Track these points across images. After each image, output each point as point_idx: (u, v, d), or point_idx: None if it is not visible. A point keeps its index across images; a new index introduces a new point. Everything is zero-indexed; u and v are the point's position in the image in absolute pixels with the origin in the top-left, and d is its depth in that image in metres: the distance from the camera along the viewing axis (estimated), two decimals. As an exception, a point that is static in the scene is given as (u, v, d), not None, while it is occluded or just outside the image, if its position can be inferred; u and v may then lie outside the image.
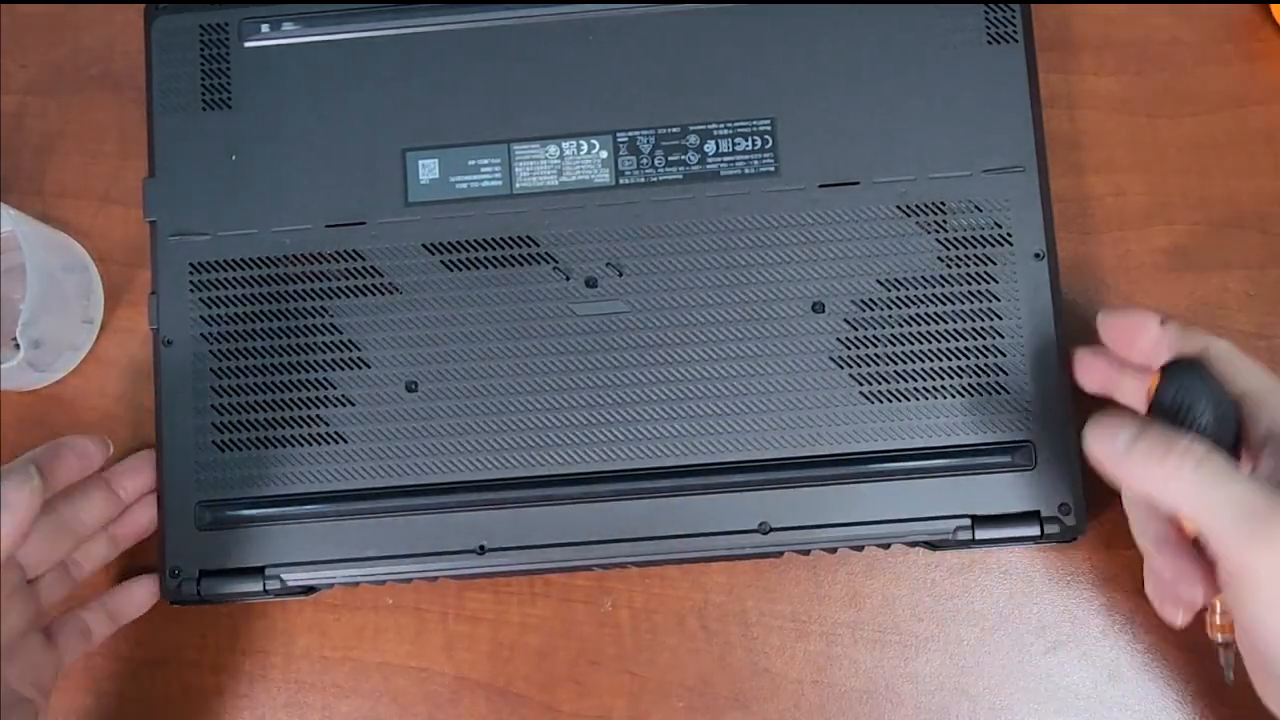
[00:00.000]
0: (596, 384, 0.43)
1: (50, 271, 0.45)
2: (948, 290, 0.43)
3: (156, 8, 0.46)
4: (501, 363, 0.44)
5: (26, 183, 0.49)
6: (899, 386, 0.43)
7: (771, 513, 0.42)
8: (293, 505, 0.43)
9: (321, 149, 0.45)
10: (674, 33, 0.45)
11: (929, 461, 0.42)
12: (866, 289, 0.43)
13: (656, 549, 0.43)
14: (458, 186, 0.45)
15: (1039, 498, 0.42)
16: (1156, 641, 0.44)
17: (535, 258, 0.44)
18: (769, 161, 0.44)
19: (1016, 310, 0.43)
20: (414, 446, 0.43)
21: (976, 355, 0.43)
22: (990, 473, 0.42)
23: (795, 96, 0.44)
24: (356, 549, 0.43)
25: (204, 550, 0.44)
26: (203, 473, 0.44)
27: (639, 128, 0.44)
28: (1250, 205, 0.46)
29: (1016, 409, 0.42)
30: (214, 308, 0.44)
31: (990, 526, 0.42)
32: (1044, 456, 0.42)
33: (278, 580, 0.43)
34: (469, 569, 0.43)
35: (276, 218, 0.45)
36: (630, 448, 0.43)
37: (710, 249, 0.44)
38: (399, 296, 0.44)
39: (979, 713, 0.44)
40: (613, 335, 0.43)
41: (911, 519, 0.42)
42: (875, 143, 0.44)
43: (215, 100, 0.46)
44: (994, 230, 0.43)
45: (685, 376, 0.43)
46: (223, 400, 0.44)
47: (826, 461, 0.43)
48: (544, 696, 0.45)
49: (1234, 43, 0.47)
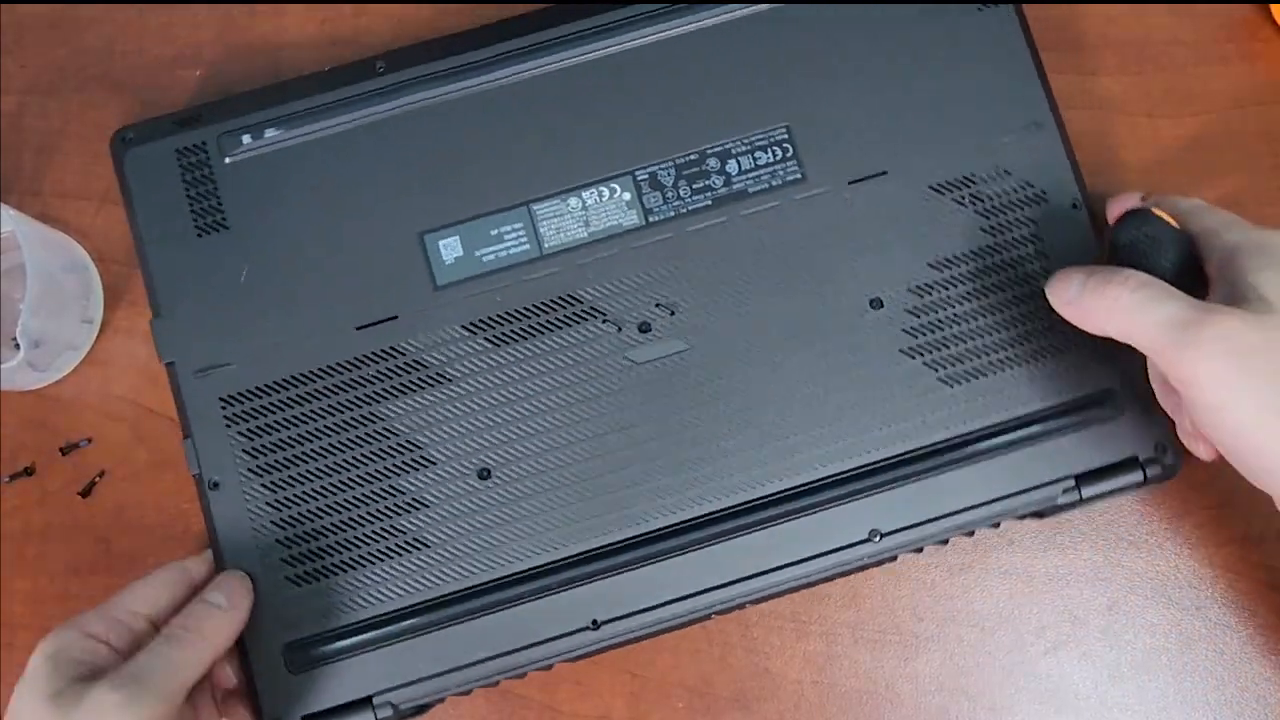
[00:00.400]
0: (673, 428, 0.42)
1: (50, 271, 0.45)
2: (997, 258, 0.43)
3: (124, 139, 0.44)
4: (571, 429, 0.42)
5: (26, 183, 0.49)
6: (973, 364, 0.42)
7: (880, 518, 0.41)
8: (387, 625, 0.41)
9: (333, 251, 0.43)
10: (668, 60, 0.44)
11: (1021, 432, 0.42)
12: (918, 274, 0.43)
13: (771, 582, 0.41)
14: (485, 260, 0.43)
15: (1134, 443, 0.42)
16: (1157, 640, 0.44)
17: (582, 315, 0.43)
18: (794, 169, 0.43)
19: (1066, 261, 0.42)
20: (500, 535, 0.41)
21: (1040, 316, 0.43)
22: (1081, 429, 0.42)
23: (805, 100, 0.44)
24: (464, 654, 0.41)
25: (302, 693, 0.41)
26: (282, 613, 0.41)
27: (656, 162, 0.43)
28: (1250, 205, 0.47)
29: (1092, 360, 0.42)
30: (255, 438, 0.42)
31: (1094, 482, 0.42)
32: (1128, 401, 0.42)
33: (389, 707, 0.40)
34: (587, 647, 0.41)
35: (301, 332, 0.42)
36: (722, 483, 0.42)
37: (756, 268, 0.43)
38: (450, 385, 0.42)
39: (979, 713, 0.44)
40: (678, 376, 0.42)
41: (1016, 493, 0.42)
42: (893, 130, 0.43)
43: (209, 224, 0.43)
44: (1026, 190, 0.43)
45: (761, 400, 0.42)
46: (287, 533, 0.41)
47: (921, 455, 0.42)
48: (544, 696, 0.45)
49: (1234, 43, 0.48)
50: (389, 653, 0.41)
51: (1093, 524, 0.45)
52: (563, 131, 0.44)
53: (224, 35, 0.49)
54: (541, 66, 0.44)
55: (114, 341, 0.47)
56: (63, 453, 0.47)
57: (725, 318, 0.42)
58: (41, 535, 0.46)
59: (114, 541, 0.46)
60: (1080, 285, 0.37)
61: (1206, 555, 0.44)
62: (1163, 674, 0.44)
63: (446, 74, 0.44)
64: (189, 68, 0.49)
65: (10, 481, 0.47)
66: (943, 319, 0.43)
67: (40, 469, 0.47)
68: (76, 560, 0.46)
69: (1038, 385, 0.42)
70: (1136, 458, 0.42)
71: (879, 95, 0.44)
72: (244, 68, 0.48)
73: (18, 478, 0.47)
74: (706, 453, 0.42)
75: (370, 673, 0.41)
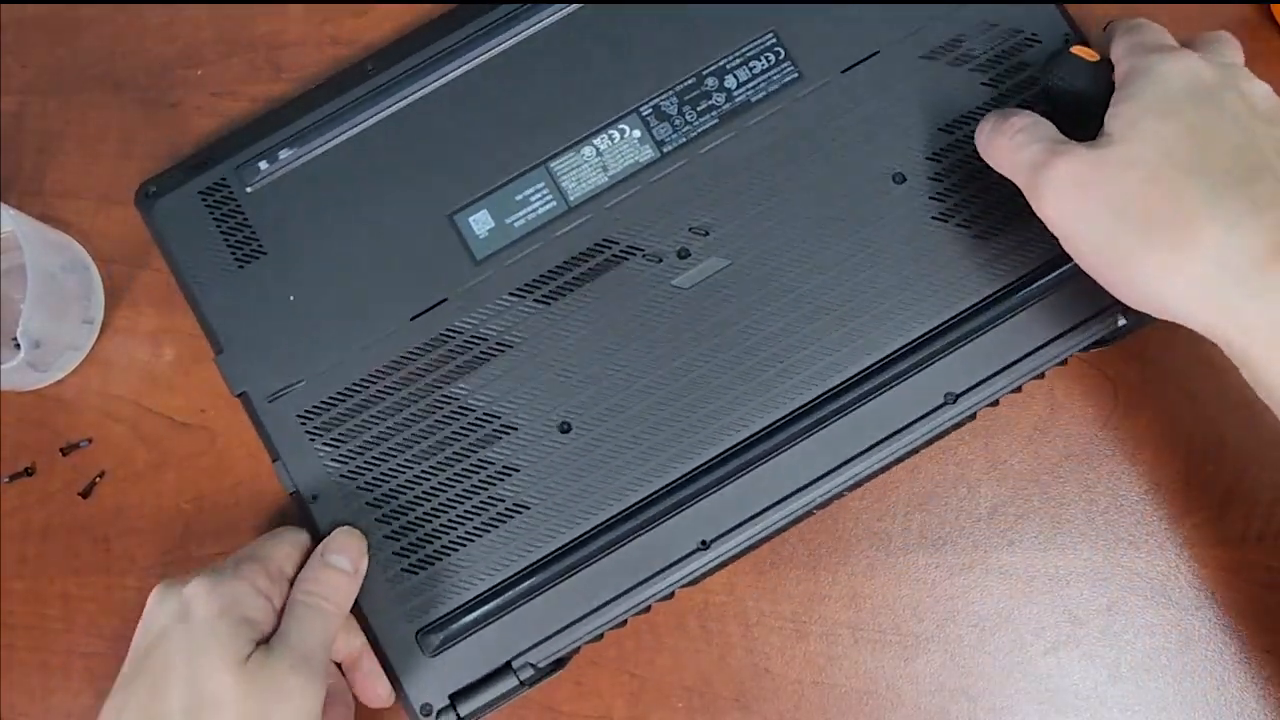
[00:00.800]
0: (733, 340, 0.43)
1: (50, 271, 0.45)
2: (1004, 107, 0.44)
3: (148, 193, 0.45)
4: (638, 365, 0.43)
5: (26, 183, 0.48)
6: (1008, 213, 0.43)
7: (953, 380, 0.42)
8: (508, 590, 0.42)
9: (370, 251, 0.44)
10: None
11: (1068, 265, 0.43)
12: (932, 141, 0.44)
13: (867, 463, 0.42)
14: (516, 225, 0.44)
15: (1177, 251, 0.43)
16: (1157, 641, 0.44)
17: (621, 255, 0.44)
18: (789, 70, 0.44)
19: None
20: (594, 481, 0.42)
21: (1059, 153, 0.43)
22: (1123, 251, 0.43)
23: (784, 2, 0.44)
24: (587, 602, 0.42)
25: (444, 674, 0.42)
26: (406, 602, 0.42)
27: (657, 94, 0.44)
28: None
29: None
30: (340, 445, 0.43)
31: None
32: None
33: (529, 667, 0.42)
34: (702, 568, 0.42)
35: (358, 335, 0.44)
36: (793, 381, 0.43)
37: (776, 172, 0.44)
38: (512, 351, 0.43)
39: (979, 713, 0.44)
40: (727, 291, 0.43)
41: (1073, 328, 0.43)
42: (874, 9, 0.44)
43: (247, 254, 0.44)
44: (1016, 37, 0.44)
45: (813, 295, 0.43)
46: (392, 526, 0.43)
47: (976, 311, 0.43)
48: (544, 697, 0.45)
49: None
50: (516, 616, 0.42)
51: (1093, 524, 0.45)
52: (562, 86, 0.45)
53: (224, 35, 0.49)
54: (526, 30, 0.45)
55: (114, 341, 0.47)
56: (63, 453, 0.47)
57: (758, 226, 0.43)
58: (41, 535, 0.46)
59: (114, 541, 0.46)
60: (989, 129, 0.40)
61: (1206, 555, 0.44)
62: (1163, 674, 0.44)
63: (435, 59, 0.45)
64: (189, 68, 0.49)
65: (10, 481, 0.47)
66: (965, 179, 0.43)
67: (40, 469, 0.47)
68: (76, 560, 0.46)
69: (1072, 219, 0.43)
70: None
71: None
72: (244, 68, 0.49)
73: (18, 478, 0.47)
74: (770, 356, 0.43)
75: (504, 639, 0.42)
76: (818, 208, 0.43)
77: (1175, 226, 0.34)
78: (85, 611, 0.46)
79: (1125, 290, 0.36)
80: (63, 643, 0.46)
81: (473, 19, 0.45)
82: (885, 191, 0.43)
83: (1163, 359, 0.45)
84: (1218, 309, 0.34)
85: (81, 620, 0.46)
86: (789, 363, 0.43)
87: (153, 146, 0.48)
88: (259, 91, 0.48)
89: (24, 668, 0.46)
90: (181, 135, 0.48)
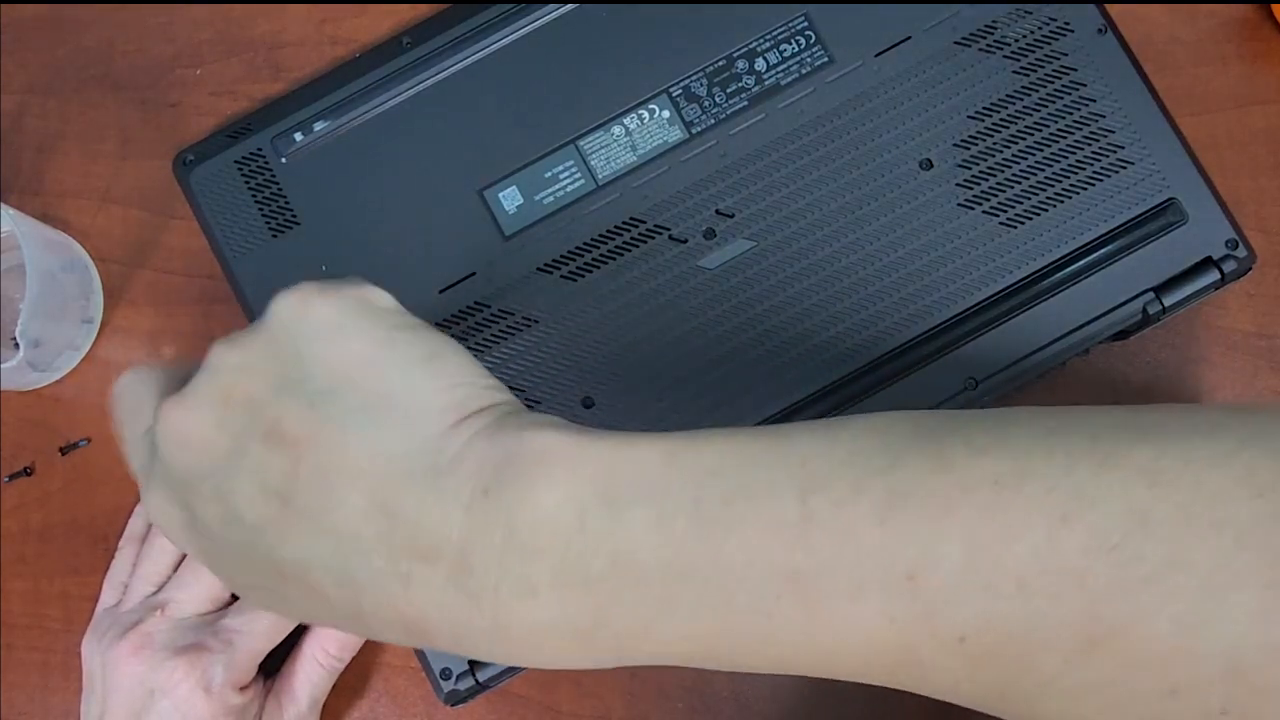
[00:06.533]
0: (759, 322, 0.43)
1: (50, 271, 0.45)
2: (1034, 96, 0.44)
3: (185, 161, 0.46)
4: (658, 343, 0.43)
5: (26, 183, 0.49)
6: (1033, 203, 0.43)
7: (977, 366, 0.43)
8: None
9: (400, 223, 0.45)
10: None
11: (1093, 255, 0.43)
12: (961, 128, 0.44)
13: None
14: (545, 202, 0.44)
15: (1205, 244, 0.43)
16: None
17: (647, 234, 0.44)
18: (820, 53, 0.44)
19: (1104, 85, 0.43)
20: (615, 456, 0.43)
21: (1088, 142, 0.43)
22: (1150, 242, 0.43)
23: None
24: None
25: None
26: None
27: (688, 75, 0.45)
28: (1250, 205, 0.46)
29: (1147, 174, 0.43)
30: (367, 415, 0.44)
31: (1173, 290, 0.43)
32: (1191, 206, 0.43)
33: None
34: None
35: (387, 306, 0.44)
36: (818, 364, 0.43)
37: (803, 155, 0.44)
38: (538, 326, 0.44)
39: (979, 712, 0.44)
40: (753, 272, 0.44)
41: (1099, 315, 0.43)
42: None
43: (281, 224, 0.45)
44: (1050, 25, 0.44)
45: (837, 278, 0.43)
46: (416, 496, 0.43)
47: (999, 299, 0.43)
48: (544, 697, 0.45)
49: (1234, 43, 0.47)
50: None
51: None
52: (593, 65, 0.45)
53: (224, 35, 0.49)
54: (559, 9, 0.45)
55: (114, 341, 0.48)
56: (62, 452, 0.47)
57: (784, 209, 0.44)
58: (41, 535, 0.47)
59: (114, 542, 0.46)
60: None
61: None
62: None
63: (469, 36, 0.45)
64: (189, 67, 0.49)
65: (10, 481, 0.47)
66: (993, 166, 0.43)
67: (40, 469, 0.47)
68: (76, 560, 0.46)
69: (1100, 209, 0.43)
70: (1210, 258, 0.43)
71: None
72: (244, 68, 0.49)
73: (17, 478, 0.47)
74: (793, 338, 0.43)
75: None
76: (844, 192, 0.44)
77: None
78: (85, 611, 0.45)
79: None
80: (63, 643, 0.46)
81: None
82: (912, 178, 0.44)
83: (1163, 359, 0.45)
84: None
85: (81, 620, 0.45)
86: (811, 345, 0.43)
87: (152, 146, 0.49)
88: (258, 91, 0.49)
89: (24, 668, 0.46)
90: (181, 135, 0.48)
